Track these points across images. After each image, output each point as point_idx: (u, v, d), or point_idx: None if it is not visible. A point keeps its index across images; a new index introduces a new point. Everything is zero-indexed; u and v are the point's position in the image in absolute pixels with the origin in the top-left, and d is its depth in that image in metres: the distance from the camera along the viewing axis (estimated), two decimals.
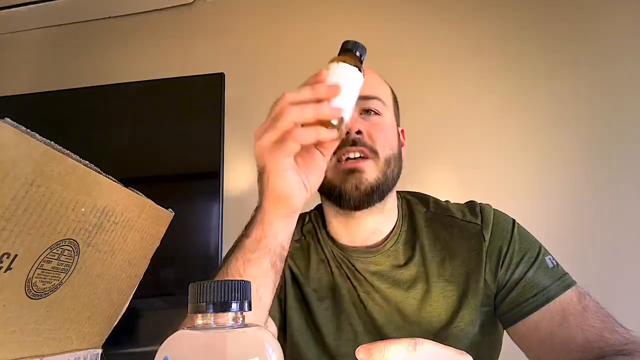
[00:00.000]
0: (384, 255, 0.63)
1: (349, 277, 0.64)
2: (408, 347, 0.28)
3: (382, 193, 0.60)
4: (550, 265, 0.59)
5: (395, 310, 0.62)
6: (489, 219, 0.63)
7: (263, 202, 0.51)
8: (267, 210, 0.50)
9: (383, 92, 0.66)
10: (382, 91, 0.66)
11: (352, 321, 0.63)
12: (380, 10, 1.44)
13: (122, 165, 1.30)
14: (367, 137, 0.60)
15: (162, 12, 1.59)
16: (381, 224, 0.64)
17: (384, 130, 0.62)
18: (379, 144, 0.60)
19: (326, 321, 0.63)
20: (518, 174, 1.25)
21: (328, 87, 0.47)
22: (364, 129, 0.60)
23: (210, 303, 0.27)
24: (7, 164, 0.37)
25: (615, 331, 0.52)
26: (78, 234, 0.46)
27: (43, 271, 0.43)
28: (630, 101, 1.22)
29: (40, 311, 0.45)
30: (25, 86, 1.57)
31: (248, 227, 0.52)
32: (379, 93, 0.64)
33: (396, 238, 0.64)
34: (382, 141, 0.60)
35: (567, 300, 0.56)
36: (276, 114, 0.46)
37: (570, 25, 1.30)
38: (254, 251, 0.49)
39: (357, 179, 0.58)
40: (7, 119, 0.37)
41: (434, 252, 0.63)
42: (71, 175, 0.43)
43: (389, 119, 0.65)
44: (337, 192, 0.60)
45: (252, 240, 0.50)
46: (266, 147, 0.47)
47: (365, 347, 0.29)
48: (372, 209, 0.61)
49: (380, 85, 0.67)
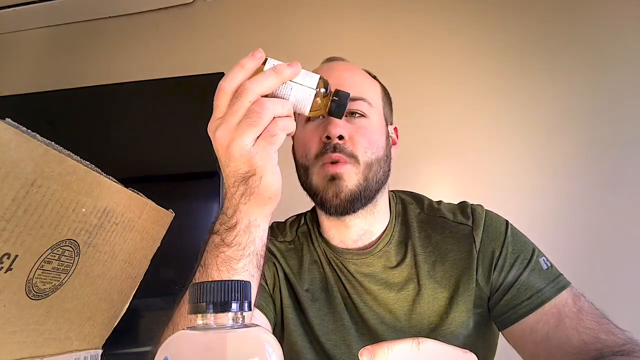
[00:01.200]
0: (376, 257, 0.63)
1: (341, 279, 0.64)
2: (412, 346, 0.28)
3: (365, 197, 0.59)
4: (545, 267, 0.59)
5: (387, 312, 0.62)
6: (480, 220, 0.63)
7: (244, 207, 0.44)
8: (252, 212, 0.45)
9: (369, 92, 0.64)
10: (368, 90, 0.64)
11: (345, 322, 0.63)
12: (379, 11, 1.44)
13: (122, 165, 1.30)
14: (349, 141, 0.59)
15: (162, 12, 1.59)
16: (372, 225, 0.64)
17: (366, 134, 0.60)
18: (359, 148, 0.59)
19: (319, 321, 0.63)
20: (516, 175, 1.25)
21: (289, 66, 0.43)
22: (346, 134, 0.58)
23: (210, 303, 0.27)
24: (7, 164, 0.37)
25: (611, 332, 0.52)
26: (78, 234, 0.46)
27: (43, 272, 0.43)
28: (629, 103, 1.22)
29: (41, 312, 0.45)
30: (25, 86, 1.57)
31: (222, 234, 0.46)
32: (364, 93, 0.62)
33: (388, 239, 0.64)
34: (363, 145, 0.59)
35: (562, 302, 0.56)
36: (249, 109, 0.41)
37: (570, 27, 1.30)
38: (240, 259, 0.45)
39: (337, 186, 0.57)
40: (7, 119, 0.37)
41: (426, 254, 0.63)
42: (71, 175, 0.43)
43: (375, 120, 0.63)
44: (320, 199, 0.60)
45: (235, 249, 0.45)
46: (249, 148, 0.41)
47: (368, 348, 0.28)
48: (360, 212, 0.60)
49: (365, 85, 0.65)
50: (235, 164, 0.42)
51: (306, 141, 0.62)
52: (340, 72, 0.63)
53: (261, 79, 0.42)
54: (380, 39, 1.41)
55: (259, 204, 0.45)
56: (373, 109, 0.63)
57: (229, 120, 0.41)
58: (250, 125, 0.40)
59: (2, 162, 0.36)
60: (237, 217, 0.45)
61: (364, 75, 0.66)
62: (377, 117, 0.64)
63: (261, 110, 0.40)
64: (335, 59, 0.69)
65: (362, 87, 0.63)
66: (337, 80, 0.60)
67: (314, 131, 0.62)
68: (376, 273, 0.62)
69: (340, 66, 0.66)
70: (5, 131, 0.37)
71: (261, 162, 0.42)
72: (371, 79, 0.68)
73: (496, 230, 0.62)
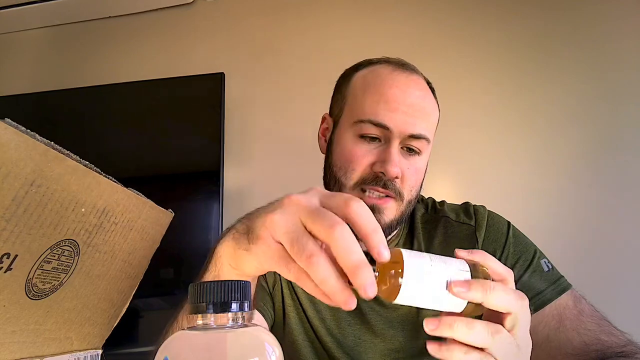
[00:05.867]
0: None
1: None
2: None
3: (393, 229, 0.60)
4: (546, 269, 0.59)
5: (395, 315, 0.62)
6: (483, 221, 0.63)
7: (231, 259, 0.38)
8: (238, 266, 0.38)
9: (432, 127, 0.60)
10: (432, 123, 0.60)
11: (346, 324, 0.63)
12: (378, 11, 1.44)
13: (122, 165, 1.30)
14: (401, 179, 0.57)
15: (162, 12, 1.59)
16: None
17: (417, 174, 0.59)
18: (407, 187, 0.58)
19: (319, 322, 0.63)
20: (517, 175, 1.25)
21: None
22: (400, 173, 0.56)
23: (210, 303, 0.27)
24: (7, 164, 0.37)
25: (611, 334, 0.52)
26: (78, 234, 0.46)
27: (43, 271, 0.43)
28: (630, 104, 1.22)
29: (41, 312, 0.45)
30: (25, 86, 1.57)
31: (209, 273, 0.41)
32: (429, 130, 0.58)
33: (397, 241, 0.64)
34: (411, 184, 0.58)
35: (563, 305, 0.56)
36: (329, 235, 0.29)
37: (570, 27, 1.30)
38: None
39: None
40: (7, 119, 0.37)
41: None
42: (71, 175, 0.43)
43: (427, 156, 0.61)
44: None
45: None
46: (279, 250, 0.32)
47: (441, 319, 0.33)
48: None
49: (431, 120, 0.60)
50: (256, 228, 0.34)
51: (353, 159, 0.58)
52: (416, 100, 0.57)
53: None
54: (380, 39, 1.41)
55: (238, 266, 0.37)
56: (429, 145, 0.60)
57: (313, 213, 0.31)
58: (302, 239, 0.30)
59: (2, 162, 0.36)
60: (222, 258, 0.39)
61: (433, 105, 0.61)
62: (429, 152, 0.61)
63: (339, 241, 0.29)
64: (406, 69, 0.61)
65: (429, 122, 0.59)
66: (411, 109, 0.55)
67: (366, 153, 0.57)
68: None
69: (416, 89, 0.58)
70: (5, 131, 0.36)
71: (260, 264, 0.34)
72: (436, 105, 0.62)
73: (498, 230, 0.62)
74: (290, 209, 0.31)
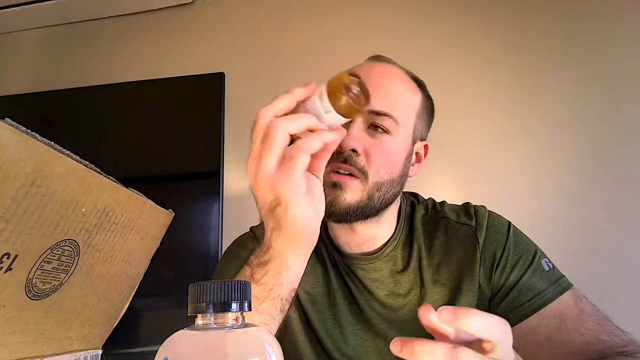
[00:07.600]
0: (383, 261, 0.62)
1: (347, 283, 0.64)
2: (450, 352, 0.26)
3: (364, 215, 0.57)
4: (547, 269, 0.59)
5: (395, 316, 0.62)
6: (483, 221, 0.62)
7: (276, 243, 0.44)
8: (284, 252, 0.44)
9: (401, 107, 0.58)
10: (400, 105, 0.58)
11: (352, 325, 0.63)
12: (378, 10, 1.44)
13: (122, 165, 1.30)
14: (363, 156, 0.55)
15: (162, 12, 1.59)
16: (377, 232, 0.62)
17: (385, 153, 0.56)
18: (373, 166, 0.55)
19: (320, 323, 0.63)
20: (518, 175, 1.25)
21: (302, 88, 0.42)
22: (361, 148, 0.55)
23: (210, 303, 0.27)
24: (7, 164, 0.37)
25: (613, 333, 0.52)
26: (78, 234, 0.46)
27: (43, 272, 0.43)
28: (630, 102, 1.22)
29: (41, 312, 0.45)
30: (25, 86, 1.57)
31: (253, 267, 0.45)
32: (394, 109, 0.57)
33: (395, 243, 0.64)
34: (378, 164, 0.56)
35: (564, 304, 0.55)
36: (265, 134, 0.40)
37: (571, 25, 1.30)
38: (264, 300, 0.43)
39: (336, 195, 0.54)
40: (7, 119, 0.37)
41: (430, 257, 0.62)
42: (71, 175, 0.43)
43: (400, 138, 0.58)
44: None
45: (262, 288, 0.43)
46: (271, 174, 0.40)
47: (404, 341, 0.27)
48: (363, 221, 0.58)
49: (400, 98, 0.59)
50: (262, 193, 0.41)
51: None
52: (378, 80, 0.58)
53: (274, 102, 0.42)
54: (380, 39, 1.41)
55: (290, 241, 0.43)
56: (400, 127, 0.57)
57: (253, 150, 0.41)
58: (267, 150, 0.39)
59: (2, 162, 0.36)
60: (270, 254, 0.44)
61: (404, 86, 0.60)
62: (403, 135, 0.59)
63: (272, 131, 0.39)
64: (380, 60, 0.63)
65: (395, 101, 0.58)
66: (372, 88, 0.54)
67: None
68: (384, 278, 0.62)
69: (380, 71, 0.60)
70: (5, 131, 0.37)
71: (284, 189, 0.40)
72: (413, 90, 0.61)
73: (498, 231, 0.62)
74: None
